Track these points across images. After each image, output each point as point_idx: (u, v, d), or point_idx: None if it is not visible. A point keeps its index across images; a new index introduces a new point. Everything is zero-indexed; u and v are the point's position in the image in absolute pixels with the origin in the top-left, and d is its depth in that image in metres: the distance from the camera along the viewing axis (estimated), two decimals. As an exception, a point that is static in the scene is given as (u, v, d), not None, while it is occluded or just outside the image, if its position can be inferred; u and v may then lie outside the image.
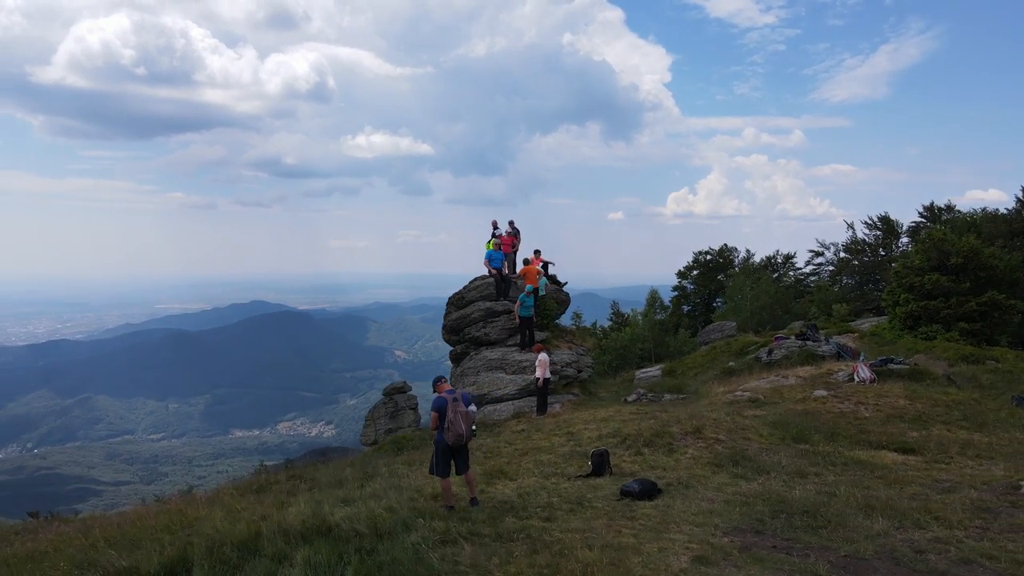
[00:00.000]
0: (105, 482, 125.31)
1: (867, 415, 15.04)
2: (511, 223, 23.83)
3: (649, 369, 28.99)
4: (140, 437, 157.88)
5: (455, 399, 9.95)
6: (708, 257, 52.57)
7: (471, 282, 22.67)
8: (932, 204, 43.93)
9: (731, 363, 22.73)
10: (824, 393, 16.52)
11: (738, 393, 17.62)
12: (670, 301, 53.06)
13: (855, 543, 8.10)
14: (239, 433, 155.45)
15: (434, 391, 10.24)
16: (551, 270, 23.17)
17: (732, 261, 52.10)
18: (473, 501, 10.20)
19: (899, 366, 18.33)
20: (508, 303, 21.21)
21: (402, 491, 11.11)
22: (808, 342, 21.31)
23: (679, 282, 53.38)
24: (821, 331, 25.95)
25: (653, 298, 48.91)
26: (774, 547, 8.11)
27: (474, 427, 9.99)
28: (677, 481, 10.98)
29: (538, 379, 17.02)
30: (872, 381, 17.18)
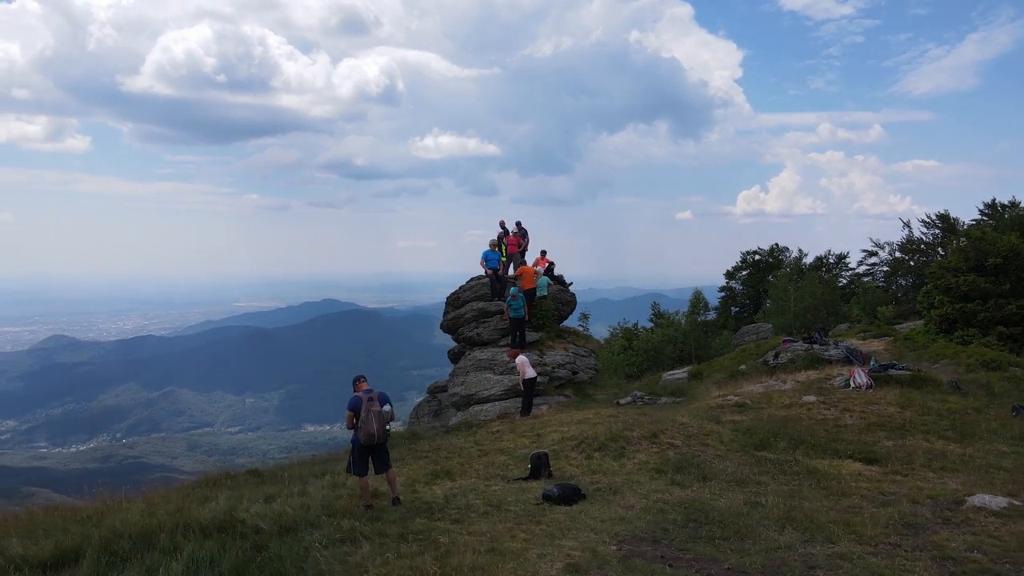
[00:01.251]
0: (187, 472, 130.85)
1: (849, 422, 14.45)
2: (518, 223, 23.84)
3: (676, 372, 28.43)
4: (219, 430, 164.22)
5: (370, 398, 10.11)
6: (757, 257, 51.07)
7: (468, 282, 22.74)
8: (994, 201, 41.50)
9: (742, 366, 22.12)
10: (813, 399, 15.94)
11: (729, 397, 17.18)
12: (718, 302, 51.75)
13: (747, 556, 7.90)
14: (310, 428, 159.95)
15: (354, 390, 10.42)
16: (555, 271, 23.04)
17: (782, 261, 50.44)
18: (395, 501, 10.34)
19: (901, 372, 17.47)
20: (501, 303, 21.21)
21: (337, 489, 11.33)
22: (815, 346, 20.53)
23: (727, 282, 52.02)
24: (834, 336, 24.93)
25: (697, 298, 47.73)
26: (661, 557, 7.96)
27: (389, 427, 10.10)
28: (609, 486, 10.85)
29: (521, 380, 16.99)
30: (868, 387, 16.47)
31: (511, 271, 23.54)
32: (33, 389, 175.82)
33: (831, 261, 49.93)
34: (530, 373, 17.01)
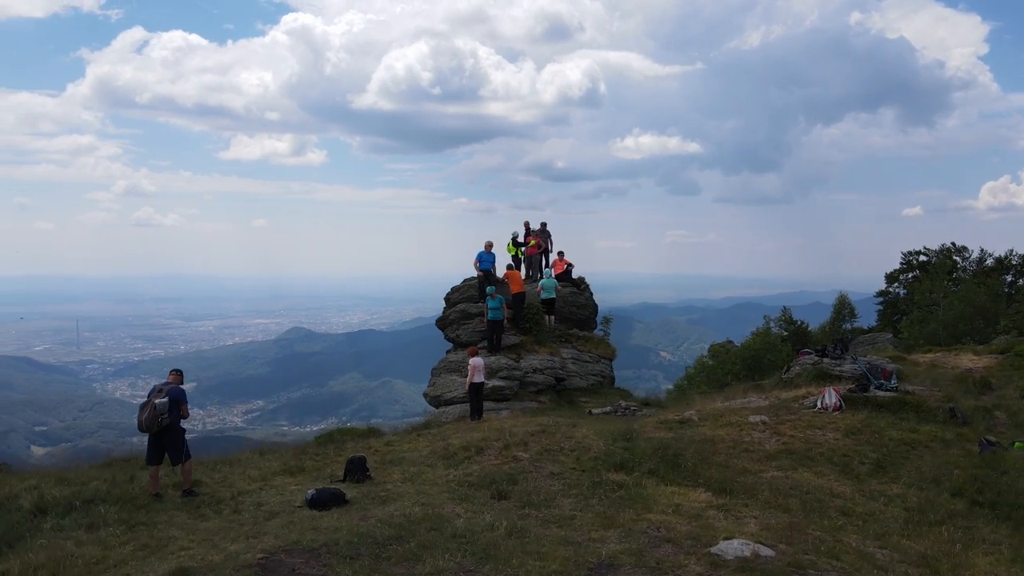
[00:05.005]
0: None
1: (767, 448, 12.76)
2: (543, 224, 23.36)
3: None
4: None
5: (159, 390, 10.76)
6: (923, 258, 44.88)
7: (463, 282, 22.63)
8: None
9: (766, 380, 20.00)
10: (758, 419, 14.19)
11: (688, 412, 15.78)
12: (879, 306, 46.40)
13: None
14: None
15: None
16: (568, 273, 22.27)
17: (956, 264, 43.89)
18: (185, 492, 10.92)
19: (886, 392, 14.87)
20: (482, 305, 20.82)
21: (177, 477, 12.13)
22: (825, 360, 17.96)
23: (886, 286, 46.32)
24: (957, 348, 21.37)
25: (842, 303, 43.24)
26: (293, 570, 7.81)
27: (164, 416, 10.61)
28: (392, 495, 10.70)
29: (467, 383, 16.81)
30: (837, 409, 14.29)
31: (524, 273, 23.20)
32: (277, 374, 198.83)
33: (1015, 262, 42.71)
34: (478, 378, 16.75)
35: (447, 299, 22.61)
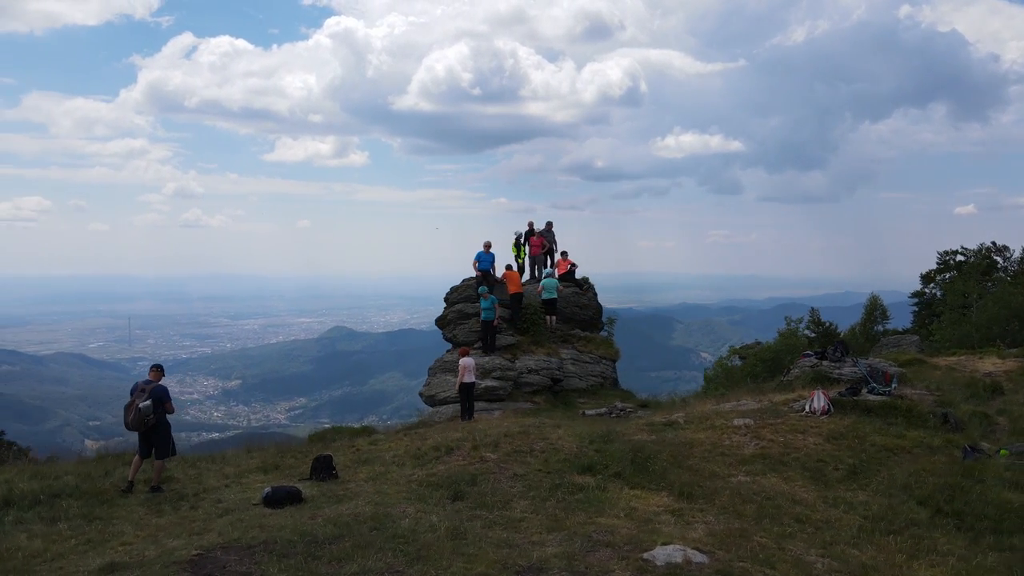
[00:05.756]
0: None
1: (743, 452, 12.48)
2: (549, 224, 23.25)
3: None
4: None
5: (142, 390, 10.99)
6: (960, 258, 43.38)
7: (462, 282, 22.58)
8: None
9: (771, 382, 19.55)
10: (742, 422, 13.89)
11: (677, 415, 15.55)
12: (914, 308, 45.08)
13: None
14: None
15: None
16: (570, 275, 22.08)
17: (996, 264, 42.32)
18: (153, 488, 11.14)
19: (877, 396, 14.40)
20: (477, 306, 20.75)
21: (146, 472, 12.37)
22: (824, 362, 17.46)
23: (922, 287, 44.92)
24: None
25: (873, 305, 42.07)
26: (223, 568, 7.91)
27: (150, 417, 10.84)
28: (349, 494, 10.77)
29: (457, 383, 16.81)
30: (824, 413, 13.91)
31: (528, 273, 23.14)
32: (320, 372, 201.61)
33: (1059, 262, 41.02)
34: (468, 378, 16.74)
35: (446, 299, 22.66)
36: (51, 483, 11.15)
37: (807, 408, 14.26)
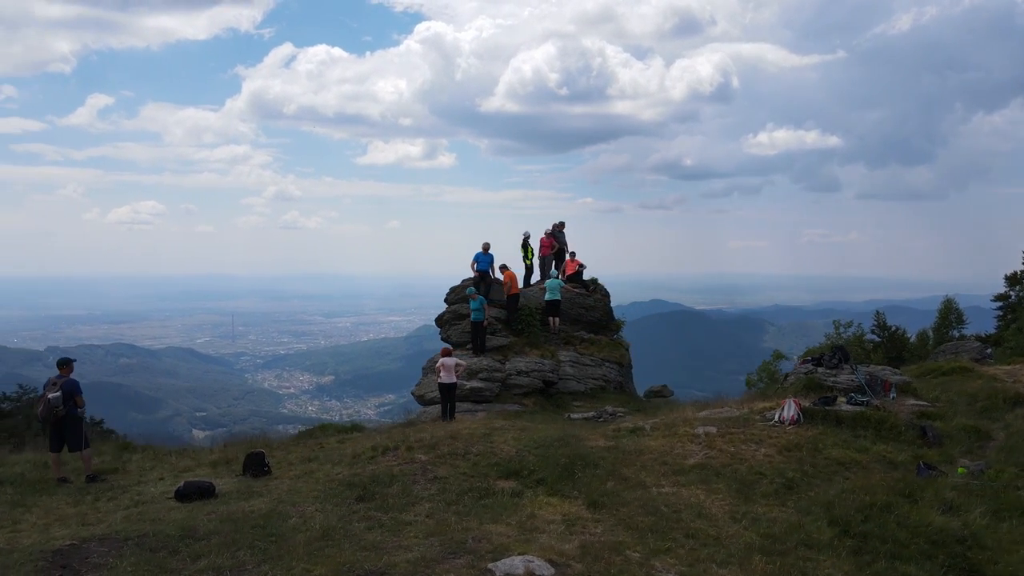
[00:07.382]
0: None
1: (688, 462, 11.90)
2: (561, 224, 22.92)
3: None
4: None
5: (53, 384, 11.48)
6: (1047, 258, 39.87)
7: (461, 283, 22.37)
8: None
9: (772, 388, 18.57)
10: (703, 431, 13.25)
11: (650, 421, 15.03)
12: (997, 311, 41.90)
13: (167, 570, 7.77)
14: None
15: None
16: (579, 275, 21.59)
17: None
18: (88, 478, 11.63)
19: (852, 407, 13.36)
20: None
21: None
22: (820, 369, 16.36)
23: (1006, 289, 41.58)
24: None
25: (947, 308, 39.39)
26: (84, 559, 8.17)
27: (59, 407, 11.30)
28: (263, 491, 10.88)
29: (438, 383, 16.77)
30: (793, 423, 13.09)
31: (537, 275, 22.82)
32: (408, 370, 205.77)
33: None
34: (447, 378, 16.66)
35: (446, 300, 22.67)
36: (5, 470, 11.85)
37: (776, 417, 13.45)
